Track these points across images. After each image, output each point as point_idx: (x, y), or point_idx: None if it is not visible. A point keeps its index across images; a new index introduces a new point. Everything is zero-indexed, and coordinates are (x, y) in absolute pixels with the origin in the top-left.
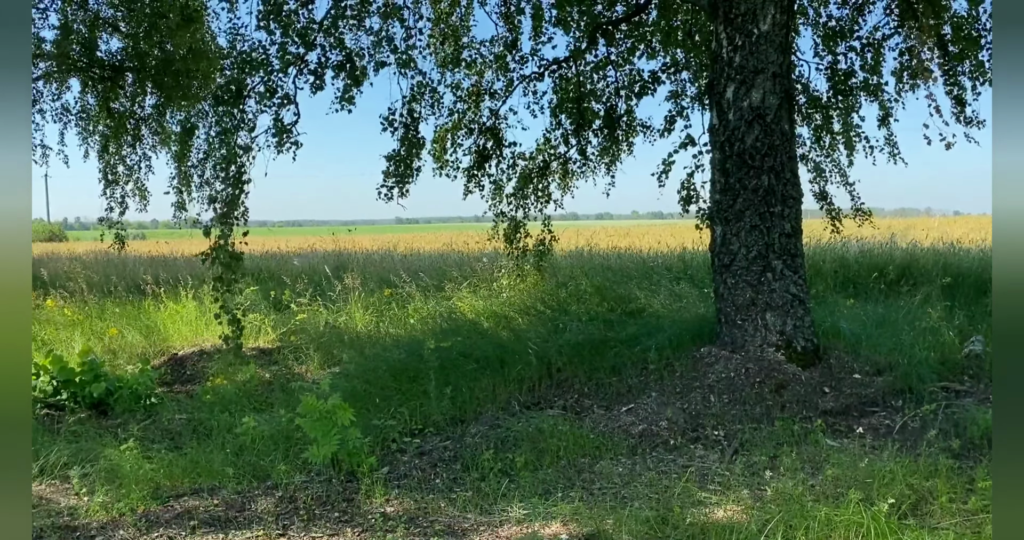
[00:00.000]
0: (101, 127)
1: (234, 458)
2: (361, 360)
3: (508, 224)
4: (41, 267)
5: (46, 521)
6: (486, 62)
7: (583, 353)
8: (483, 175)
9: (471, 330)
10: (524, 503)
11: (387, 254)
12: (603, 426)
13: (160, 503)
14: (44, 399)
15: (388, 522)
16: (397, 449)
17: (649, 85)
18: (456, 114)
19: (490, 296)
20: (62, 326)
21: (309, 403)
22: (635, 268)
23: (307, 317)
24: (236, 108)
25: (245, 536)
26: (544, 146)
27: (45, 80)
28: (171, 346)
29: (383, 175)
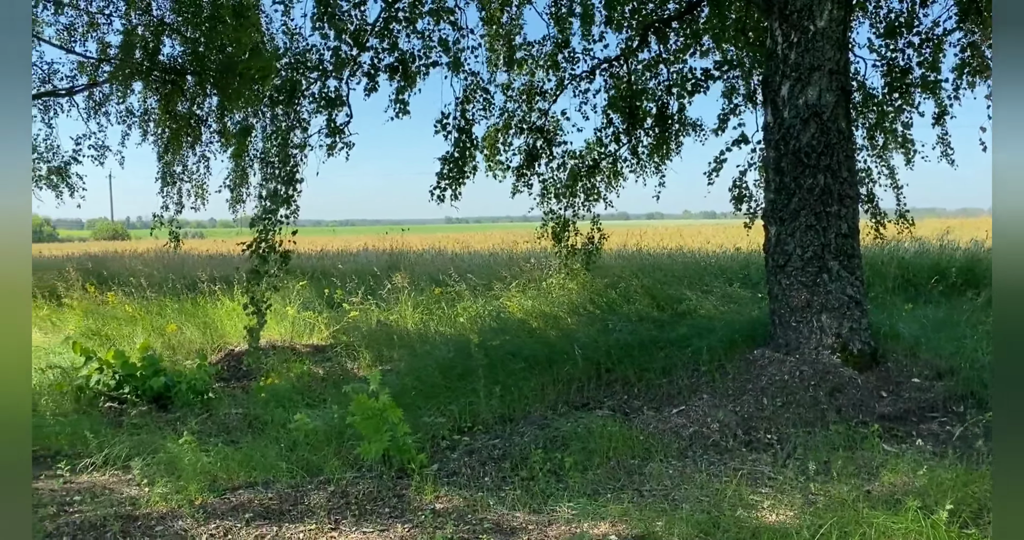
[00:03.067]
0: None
1: (288, 453)
2: (411, 358)
3: (556, 223)
4: (104, 264)
5: (109, 510)
6: (536, 62)
7: (632, 354)
8: (532, 174)
9: (519, 329)
10: (573, 503)
11: (437, 253)
12: (653, 427)
13: (216, 495)
14: (107, 392)
15: (438, 518)
16: (446, 446)
17: (701, 83)
18: (506, 114)
19: (539, 296)
20: (124, 322)
21: (360, 402)
22: (686, 268)
23: (359, 315)
24: (290, 108)
25: (298, 529)
26: (594, 145)
27: (110, 84)
28: (228, 342)
29: (437, 177)
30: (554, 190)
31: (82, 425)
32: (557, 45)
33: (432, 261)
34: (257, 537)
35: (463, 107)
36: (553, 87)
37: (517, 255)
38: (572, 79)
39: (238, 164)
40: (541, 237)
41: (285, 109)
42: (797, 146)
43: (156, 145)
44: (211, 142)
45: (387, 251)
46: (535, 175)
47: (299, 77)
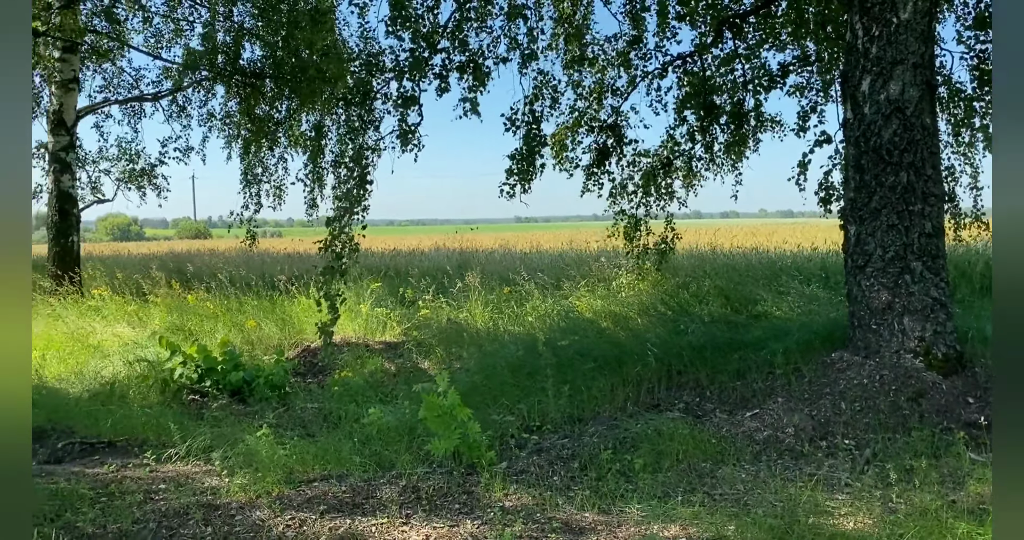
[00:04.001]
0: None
1: (361, 447)
2: (480, 356)
3: (628, 222)
4: (188, 262)
5: (191, 499)
6: (608, 59)
7: (705, 355)
8: (603, 173)
9: (589, 329)
10: (643, 505)
11: (507, 252)
12: (726, 431)
13: (292, 487)
14: (190, 385)
15: (507, 516)
16: (515, 445)
17: (778, 79)
18: (576, 112)
19: (608, 295)
20: (206, 318)
21: (430, 401)
22: (762, 269)
23: (430, 313)
24: (363, 109)
25: (370, 522)
26: (668, 143)
27: (193, 88)
28: (304, 338)
29: (506, 173)
30: (625, 189)
31: (166, 416)
32: (629, 42)
33: (501, 260)
34: (331, 529)
35: (532, 105)
36: (625, 84)
37: (586, 254)
38: (644, 76)
39: (314, 165)
40: (612, 236)
41: (358, 110)
42: (878, 143)
43: (236, 147)
44: (288, 144)
45: (457, 250)
46: (605, 174)
47: (371, 78)
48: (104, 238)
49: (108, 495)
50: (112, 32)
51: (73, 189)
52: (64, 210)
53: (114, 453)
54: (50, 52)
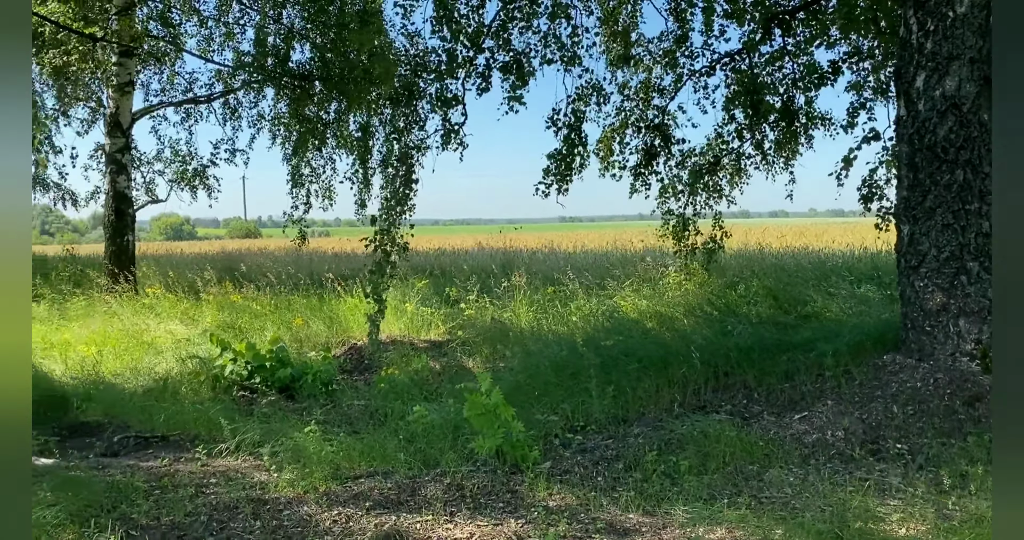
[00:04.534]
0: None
1: (406, 444)
2: (524, 356)
3: (676, 222)
4: (240, 261)
5: (241, 493)
6: (654, 58)
7: (752, 357)
8: (650, 173)
9: (634, 329)
10: (688, 507)
11: (551, 252)
12: (773, 433)
13: (339, 483)
14: (240, 382)
15: (551, 516)
16: (559, 444)
17: (828, 76)
18: (623, 113)
19: (654, 296)
20: (255, 316)
21: (474, 400)
22: (811, 269)
23: (474, 312)
24: (409, 109)
25: (415, 519)
26: (715, 141)
27: (244, 90)
28: (351, 336)
29: (543, 172)
30: (673, 189)
31: (217, 412)
32: (676, 40)
33: (545, 260)
34: (376, 526)
35: (575, 105)
36: (671, 83)
37: (632, 254)
38: (691, 75)
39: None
40: (662, 236)
41: (404, 110)
42: (933, 140)
43: (285, 148)
44: (337, 145)
45: (501, 250)
46: (653, 174)
47: (417, 79)
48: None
49: (161, 488)
50: (167, 36)
51: (129, 190)
52: (120, 210)
53: (167, 447)
54: (108, 56)
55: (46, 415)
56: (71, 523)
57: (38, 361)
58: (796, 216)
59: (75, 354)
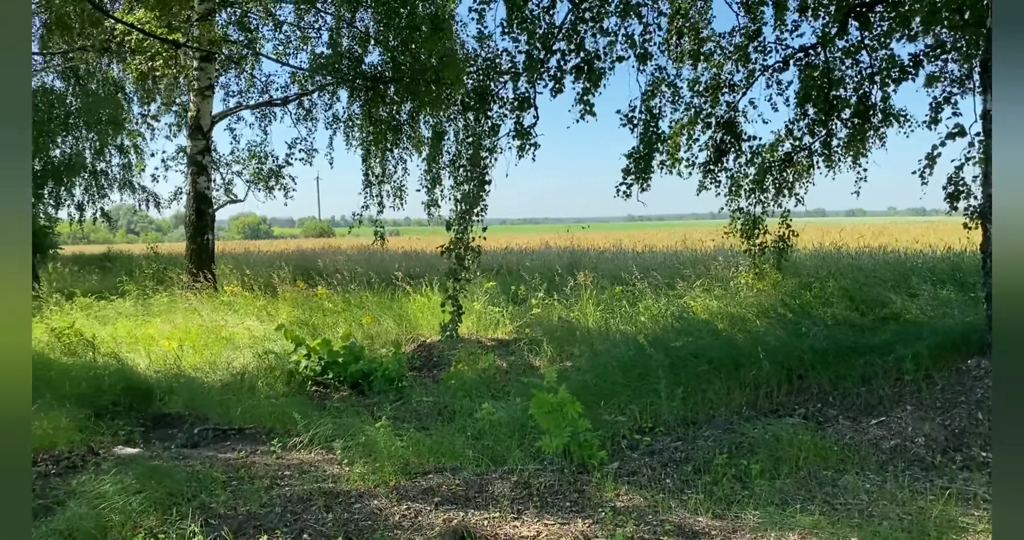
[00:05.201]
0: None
1: (473, 441)
2: (592, 355)
3: (745, 220)
4: (312, 260)
5: (314, 486)
6: (725, 54)
7: (828, 359)
8: (720, 170)
9: (704, 330)
10: (759, 511)
11: (618, 251)
12: (849, 438)
13: (408, 478)
14: (314, 377)
15: (618, 516)
16: (627, 445)
17: (909, 70)
18: (693, 109)
19: (725, 296)
20: (328, 313)
21: (540, 397)
22: (889, 269)
23: (541, 311)
24: (481, 113)
25: (483, 516)
26: (786, 137)
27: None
28: (420, 334)
29: (623, 173)
30: (743, 186)
31: (291, 406)
32: (747, 36)
33: (613, 259)
34: (445, 521)
35: (648, 103)
36: (743, 79)
37: (702, 254)
38: (763, 70)
39: (432, 167)
40: (729, 234)
41: (476, 113)
42: None
43: (359, 149)
44: (409, 146)
45: (568, 249)
46: (722, 171)
47: (489, 81)
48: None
49: (238, 479)
50: (245, 40)
51: (208, 190)
52: (200, 210)
53: (244, 439)
54: (189, 62)
55: (131, 406)
56: (154, 510)
57: (124, 355)
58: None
59: (158, 349)
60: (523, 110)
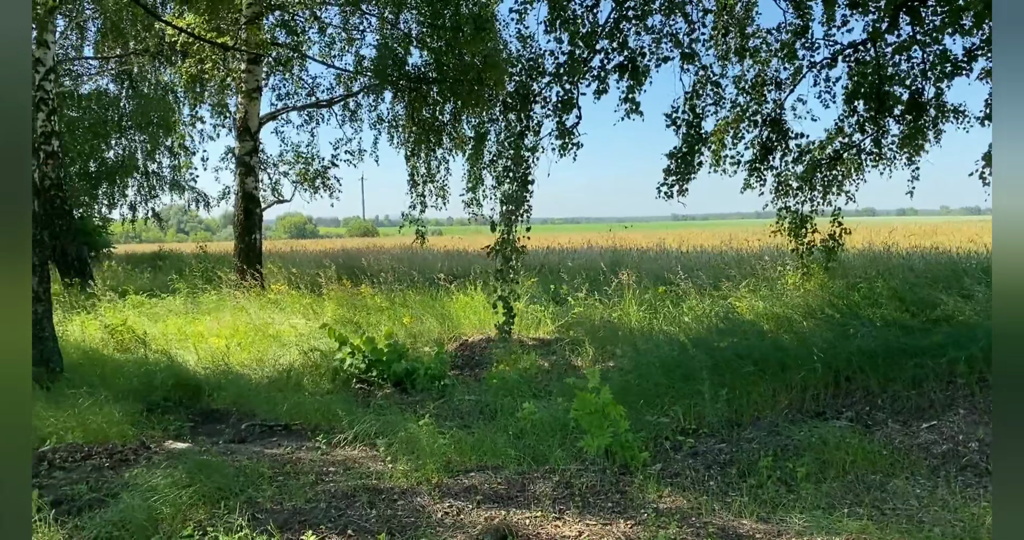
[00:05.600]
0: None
1: (515, 441)
2: (634, 356)
3: (793, 219)
4: (357, 259)
5: (358, 482)
6: (772, 51)
7: (876, 362)
8: (766, 168)
9: (749, 331)
10: (805, 515)
11: (662, 251)
12: (898, 442)
13: (450, 476)
14: (358, 375)
15: (660, 518)
16: (670, 447)
17: (963, 64)
18: (738, 107)
19: (771, 296)
20: (372, 311)
21: (582, 398)
22: (942, 270)
23: (583, 311)
24: (523, 113)
25: (524, 515)
26: (835, 135)
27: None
28: (462, 333)
29: (664, 173)
30: (790, 184)
31: (336, 403)
32: (794, 32)
33: (656, 259)
34: (487, 519)
35: (692, 102)
36: (789, 76)
37: (748, 253)
38: (811, 67)
39: (474, 167)
40: (776, 233)
41: (518, 114)
42: None
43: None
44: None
45: (611, 248)
46: (768, 169)
47: (532, 82)
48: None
49: (284, 475)
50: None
51: (256, 190)
52: (248, 210)
53: (290, 436)
54: (238, 64)
55: (181, 402)
56: (203, 503)
57: (174, 352)
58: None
59: (207, 346)
60: (566, 111)
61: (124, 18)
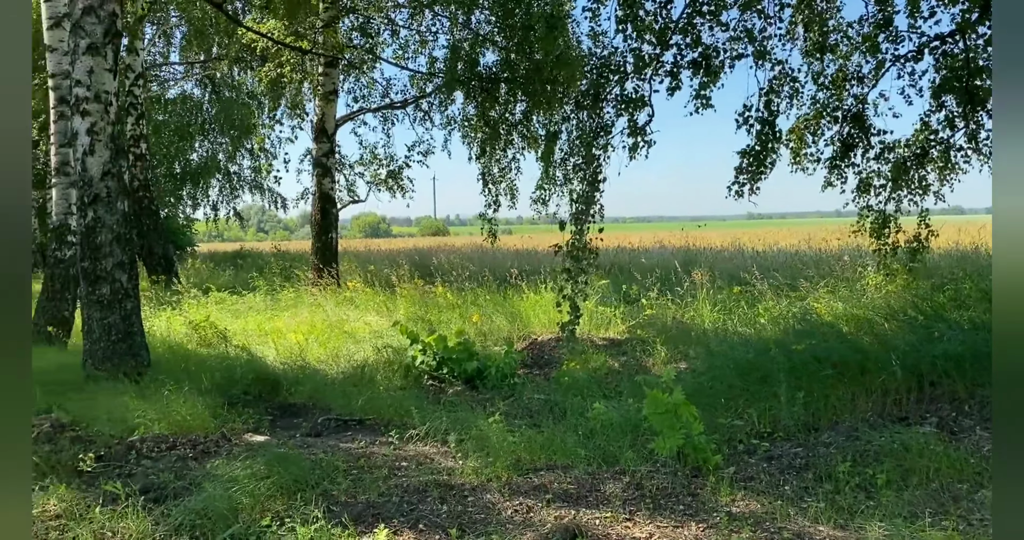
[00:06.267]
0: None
1: (585, 440)
2: (707, 357)
3: (875, 218)
4: (428, 258)
5: (430, 478)
6: (853, 45)
7: (963, 366)
8: (847, 166)
9: (828, 333)
10: (886, 523)
11: (737, 251)
12: (987, 450)
13: (520, 474)
14: (429, 372)
15: (734, 522)
16: (744, 450)
17: None
18: (817, 104)
19: (851, 297)
20: (443, 309)
21: (655, 397)
22: None
23: (655, 311)
24: (594, 112)
25: (594, 515)
26: (922, 131)
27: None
28: (532, 332)
29: (735, 171)
30: (872, 183)
31: (408, 399)
32: (877, 25)
33: (731, 258)
34: (556, 518)
35: (767, 98)
36: (872, 71)
37: (827, 253)
38: (895, 60)
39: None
40: (857, 232)
41: (590, 112)
42: None
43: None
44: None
45: (683, 248)
46: (850, 167)
47: (603, 80)
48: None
49: (359, 468)
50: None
51: (333, 191)
52: (325, 210)
53: (364, 430)
54: (315, 68)
55: (260, 396)
56: (280, 495)
57: (255, 347)
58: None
59: (285, 341)
60: (637, 109)
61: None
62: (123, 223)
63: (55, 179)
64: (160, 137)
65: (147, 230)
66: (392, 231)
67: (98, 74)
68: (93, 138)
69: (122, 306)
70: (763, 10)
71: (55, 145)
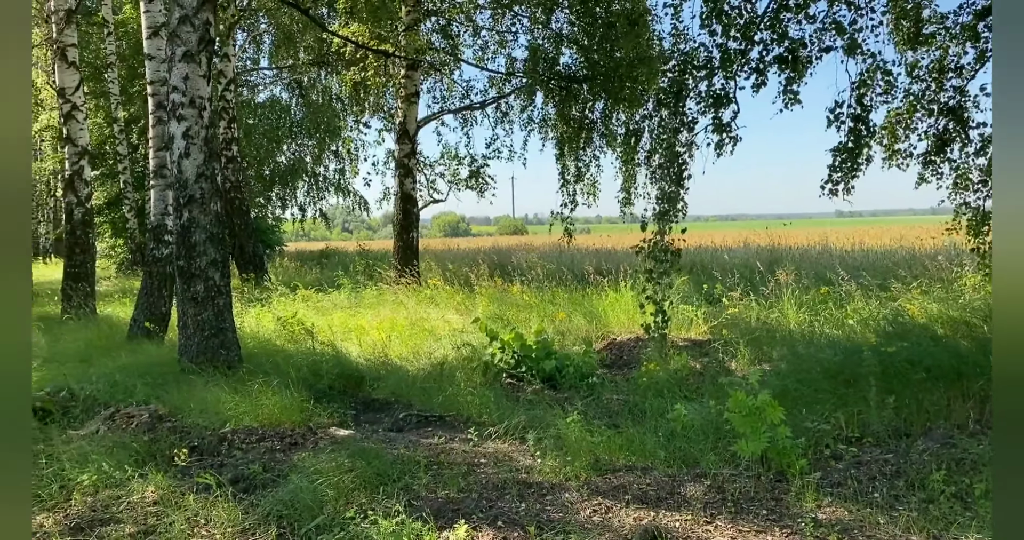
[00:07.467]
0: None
1: (665, 442)
2: (793, 359)
3: (973, 215)
4: (507, 256)
5: (508, 475)
6: (951, 35)
7: None
8: (943, 161)
9: (921, 336)
10: (983, 536)
11: (824, 250)
12: None
13: (599, 474)
14: (508, 370)
15: (819, 529)
16: (830, 455)
17: None
18: (912, 96)
19: (947, 298)
20: (522, 308)
21: (738, 398)
22: None
23: (738, 312)
24: (677, 110)
25: (674, 517)
26: None
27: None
28: (610, 331)
29: (828, 169)
30: (970, 178)
31: (487, 397)
32: (976, 14)
33: (818, 258)
34: (635, 519)
35: (859, 93)
36: (972, 61)
37: (921, 252)
38: None
39: (627, 165)
40: (953, 230)
41: (672, 110)
42: None
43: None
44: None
45: (768, 247)
46: (946, 162)
47: (686, 78)
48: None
49: (438, 464)
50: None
51: (414, 191)
52: (407, 209)
53: (443, 426)
54: (397, 70)
55: (344, 391)
56: (363, 488)
57: (339, 343)
58: None
59: (368, 338)
60: (722, 106)
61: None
62: (216, 223)
63: (153, 181)
64: (251, 140)
65: (238, 230)
66: (471, 230)
67: (193, 80)
68: (188, 142)
69: (215, 303)
70: (853, 2)
71: (153, 149)
